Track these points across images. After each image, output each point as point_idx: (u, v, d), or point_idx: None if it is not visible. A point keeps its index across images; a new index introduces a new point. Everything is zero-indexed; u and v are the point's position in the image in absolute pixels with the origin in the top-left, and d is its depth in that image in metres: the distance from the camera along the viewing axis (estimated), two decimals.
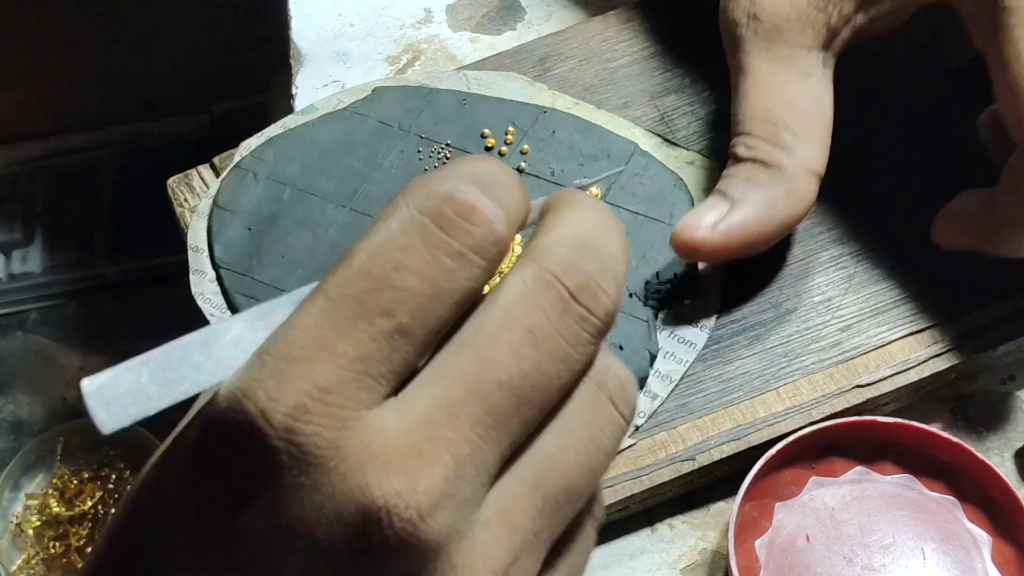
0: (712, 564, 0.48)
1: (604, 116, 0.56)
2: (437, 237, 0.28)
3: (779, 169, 0.48)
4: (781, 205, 0.48)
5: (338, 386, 0.27)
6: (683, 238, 0.48)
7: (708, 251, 0.48)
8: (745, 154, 0.49)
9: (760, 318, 0.51)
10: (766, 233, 0.48)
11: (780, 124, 0.49)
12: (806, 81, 0.49)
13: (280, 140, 0.56)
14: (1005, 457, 0.50)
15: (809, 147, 0.48)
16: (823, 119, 0.49)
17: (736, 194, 0.48)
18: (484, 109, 0.56)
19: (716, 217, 0.48)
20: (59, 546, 1.17)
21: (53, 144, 1.39)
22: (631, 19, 0.59)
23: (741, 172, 0.49)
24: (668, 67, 0.58)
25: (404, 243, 0.28)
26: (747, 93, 0.50)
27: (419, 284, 0.28)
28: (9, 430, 1.25)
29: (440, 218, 0.28)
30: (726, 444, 0.48)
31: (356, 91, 0.57)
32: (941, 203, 0.53)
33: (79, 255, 1.33)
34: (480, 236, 0.28)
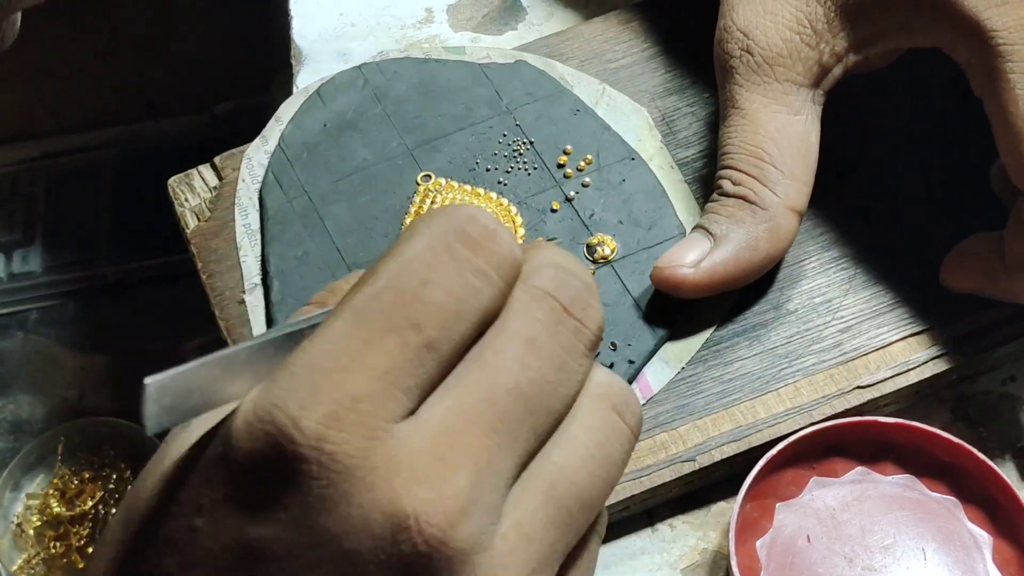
0: (713, 564, 0.48)
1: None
2: (463, 255, 0.29)
3: (762, 207, 0.49)
4: (763, 244, 0.49)
5: (369, 397, 0.27)
6: (664, 275, 0.49)
7: (690, 288, 0.49)
8: (731, 189, 0.49)
9: (761, 319, 0.51)
10: (748, 270, 0.49)
11: (766, 159, 0.49)
12: (795, 117, 0.50)
13: (407, 62, 0.58)
14: (1006, 457, 0.50)
15: (793, 185, 0.49)
16: (809, 157, 0.50)
17: (719, 231, 0.49)
18: (585, 127, 0.55)
19: (698, 255, 0.49)
20: (60, 546, 1.17)
21: (54, 144, 1.39)
22: (632, 20, 0.59)
23: (724, 209, 0.49)
24: (669, 68, 0.58)
25: (432, 260, 0.29)
26: (735, 126, 0.50)
27: (446, 299, 0.28)
28: (9, 430, 1.25)
29: (466, 238, 0.29)
30: (726, 445, 0.48)
31: (504, 53, 0.58)
32: (941, 204, 0.53)
33: (80, 255, 1.33)
34: (501, 257, 0.29)
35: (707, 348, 0.50)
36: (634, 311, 0.50)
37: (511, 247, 0.30)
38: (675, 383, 0.49)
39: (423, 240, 0.29)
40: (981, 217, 0.52)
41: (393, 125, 0.56)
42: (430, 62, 0.58)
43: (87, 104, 1.38)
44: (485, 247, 0.29)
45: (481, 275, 0.29)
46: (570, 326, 0.30)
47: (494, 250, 0.29)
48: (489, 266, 0.29)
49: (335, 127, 0.56)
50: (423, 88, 0.57)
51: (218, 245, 0.54)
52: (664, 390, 0.49)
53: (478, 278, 0.29)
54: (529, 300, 0.30)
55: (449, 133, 0.55)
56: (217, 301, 0.52)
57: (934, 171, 0.54)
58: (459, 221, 0.29)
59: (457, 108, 0.56)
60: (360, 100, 0.57)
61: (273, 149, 0.56)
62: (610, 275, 0.51)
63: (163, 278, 1.28)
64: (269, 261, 0.53)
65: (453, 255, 0.29)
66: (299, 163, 0.55)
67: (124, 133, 1.39)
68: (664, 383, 0.49)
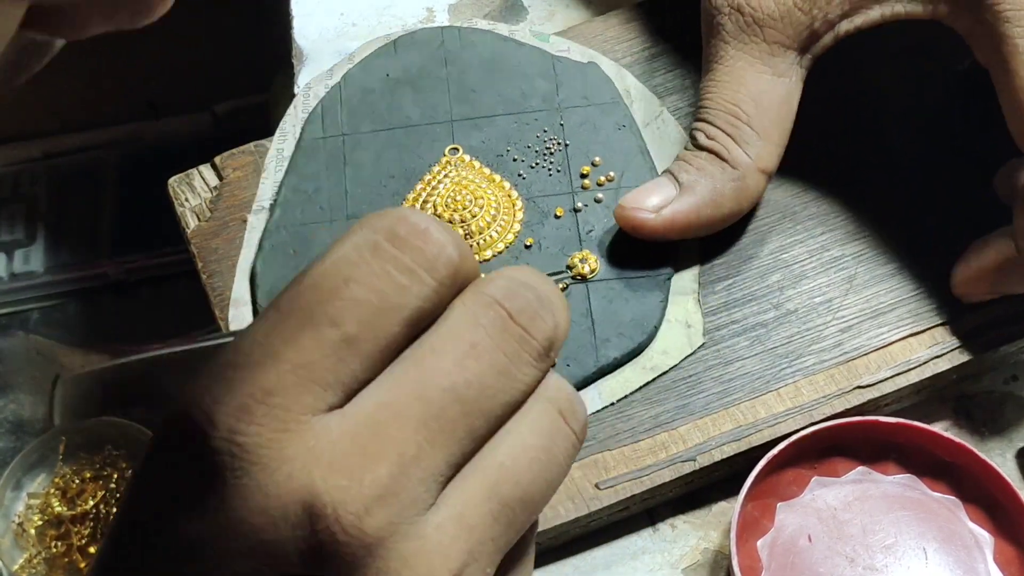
0: (714, 564, 0.48)
1: None
2: (388, 252, 0.29)
3: (732, 165, 0.49)
4: (728, 200, 0.49)
5: (281, 389, 0.28)
6: (626, 214, 0.50)
7: (649, 231, 0.49)
8: (704, 142, 0.50)
9: (761, 319, 0.51)
10: (709, 223, 0.50)
11: (743, 118, 0.49)
12: (777, 80, 0.50)
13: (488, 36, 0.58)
14: (1007, 457, 0.50)
15: (766, 146, 0.49)
16: (786, 120, 0.50)
17: (685, 180, 0.50)
18: (623, 145, 0.55)
19: (661, 200, 0.50)
20: (61, 545, 1.17)
21: (55, 143, 1.39)
22: (633, 19, 0.59)
23: (695, 160, 0.50)
24: (670, 67, 0.58)
25: (355, 258, 0.29)
26: (717, 81, 0.50)
27: (367, 295, 0.28)
28: (11, 430, 1.25)
29: (392, 236, 0.29)
30: (727, 445, 0.48)
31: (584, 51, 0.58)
32: (942, 203, 0.53)
33: (81, 254, 1.33)
34: (431, 255, 0.29)
35: (707, 348, 0.50)
36: (589, 335, 0.50)
37: (442, 246, 0.29)
38: (676, 382, 0.49)
39: (350, 241, 0.29)
40: (982, 219, 0.52)
41: (448, 91, 0.56)
42: (509, 41, 0.58)
43: (88, 104, 1.38)
44: (413, 245, 0.29)
45: (408, 273, 0.29)
46: (514, 333, 0.30)
47: (423, 248, 0.29)
48: (417, 264, 0.29)
49: (396, 79, 0.57)
50: (491, 64, 0.57)
51: (218, 245, 0.54)
52: (666, 389, 0.49)
53: (405, 275, 0.29)
54: (474, 304, 0.30)
55: (496, 114, 0.56)
56: (217, 301, 0.52)
57: (937, 172, 0.54)
58: (389, 221, 0.29)
59: (513, 92, 0.56)
60: (429, 59, 0.57)
61: (333, 85, 0.57)
62: (580, 293, 0.51)
63: (164, 277, 1.28)
64: (281, 189, 0.54)
65: (378, 253, 0.29)
66: (349, 105, 0.56)
67: (125, 133, 1.39)
68: (589, 412, 0.49)
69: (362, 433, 0.28)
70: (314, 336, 0.28)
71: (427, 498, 0.28)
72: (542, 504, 0.31)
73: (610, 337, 0.50)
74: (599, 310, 0.50)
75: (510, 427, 0.30)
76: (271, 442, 0.27)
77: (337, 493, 0.27)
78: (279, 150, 0.56)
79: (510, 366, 0.30)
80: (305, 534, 0.27)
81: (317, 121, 0.56)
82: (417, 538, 0.28)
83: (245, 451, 0.27)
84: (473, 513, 0.29)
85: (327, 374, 0.28)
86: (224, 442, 0.27)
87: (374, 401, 0.28)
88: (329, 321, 0.28)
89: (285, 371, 0.28)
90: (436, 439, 0.28)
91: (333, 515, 0.27)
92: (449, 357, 0.29)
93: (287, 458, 0.27)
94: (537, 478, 0.30)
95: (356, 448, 0.27)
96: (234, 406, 0.27)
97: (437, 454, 0.28)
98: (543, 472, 0.30)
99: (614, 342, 0.50)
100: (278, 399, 0.27)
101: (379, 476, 0.27)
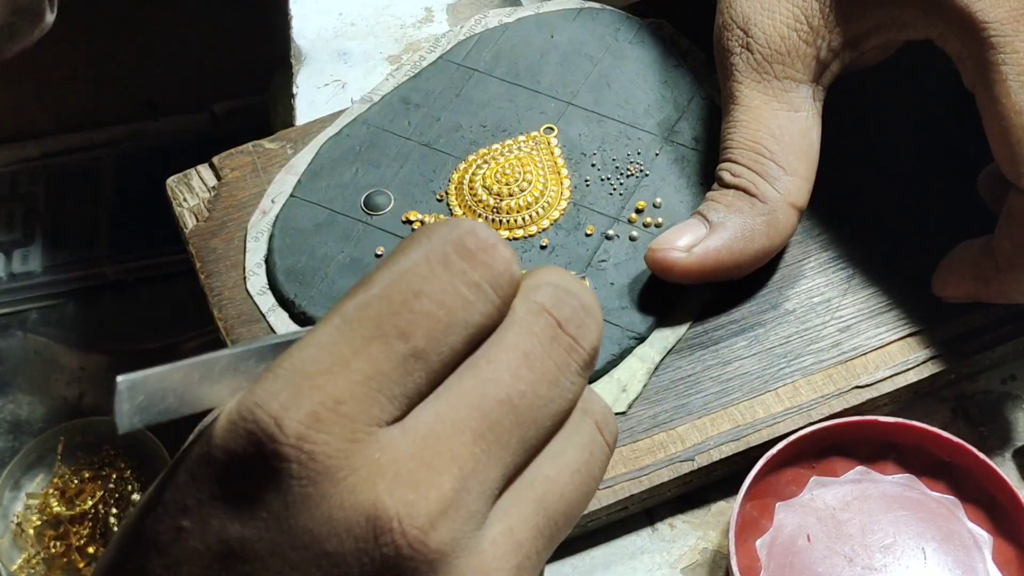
0: (713, 564, 0.48)
1: None
2: (458, 267, 0.29)
3: (761, 200, 0.49)
4: (760, 236, 0.49)
5: (351, 400, 0.27)
6: (657, 256, 0.49)
7: (681, 272, 0.49)
8: (731, 180, 0.50)
9: (759, 319, 0.51)
10: (741, 261, 0.49)
11: (766, 155, 0.49)
12: (795, 114, 0.50)
13: (666, 30, 0.58)
14: (1006, 457, 0.50)
15: (793, 181, 0.49)
16: (810, 153, 0.50)
17: (716, 219, 0.49)
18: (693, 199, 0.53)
19: (692, 240, 0.49)
20: (60, 545, 1.17)
21: (53, 143, 1.39)
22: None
23: (723, 198, 0.49)
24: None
25: (426, 271, 0.29)
26: (736, 121, 0.50)
27: (437, 310, 0.29)
28: (9, 430, 1.25)
29: (463, 250, 0.29)
30: (725, 445, 0.48)
31: None
32: (941, 205, 0.53)
33: (80, 254, 1.33)
34: (498, 271, 0.29)
35: (705, 348, 0.50)
36: None
37: (509, 263, 0.30)
38: (675, 382, 0.49)
39: (420, 251, 0.29)
40: (978, 218, 0.52)
41: (588, 77, 0.56)
42: (674, 60, 0.57)
43: (87, 104, 1.38)
44: (481, 261, 0.29)
45: (475, 288, 0.29)
46: (564, 343, 0.30)
47: (491, 264, 0.29)
48: (484, 280, 0.29)
49: (555, 44, 0.57)
50: (647, 66, 0.57)
51: (216, 245, 0.54)
52: (664, 389, 0.49)
53: (472, 291, 0.29)
54: (526, 314, 0.30)
55: (610, 118, 0.56)
56: (216, 301, 0.52)
57: (933, 172, 0.54)
58: (458, 233, 0.29)
59: (642, 102, 0.56)
60: (595, 39, 0.58)
61: (507, 23, 0.58)
62: None
63: (163, 277, 1.28)
64: (394, 90, 0.57)
65: (448, 267, 0.29)
66: (503, 47, 0.58)
67: (124, 133, 1.39)
68: None
69: (424, 446, 0.28)
70: (384, 348, 0.28)
71: (485, 512, 0.28)
72: (578, 517, 0.31)
73: None
74: None
75: (555, 440, 0.30)
76: (339, 452, 0.27)
77: (403, 507, 0.27)
78: (420, 57, 0.58)
79: (560, 376, 0.30)
80: (369, 547, 0.27)
81: (467, 47, 0.58)
82: (475, 553, 0.28)
83: (313, 459, 0.27)
84: (522, 528, 0.29)
85: (394, 386, 0.28)
86: (293, 449, 0.27)
87: (434, 412, 0.28)
88: (399, 334, 0.28)
89: (356, 381, 0.28)
90: (492, 450, 0.29)
91: (399, 529, 0.27)
92: (504, 367, 0.29)
93: (353, 469, 0.27)
94: (578, 491, 0.30)
95: (419, 461, 0.28)
96: (304, 413, 0.27)
97: (493, 466, 0.29)
98: (583, 485, 0.30)
99: None
100: (347, 409, 0.27)
101: (444, 490, 0.27)
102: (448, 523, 0.27)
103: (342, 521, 0.27)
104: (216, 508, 0.28)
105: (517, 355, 0.29)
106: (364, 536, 0.27)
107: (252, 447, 0.27)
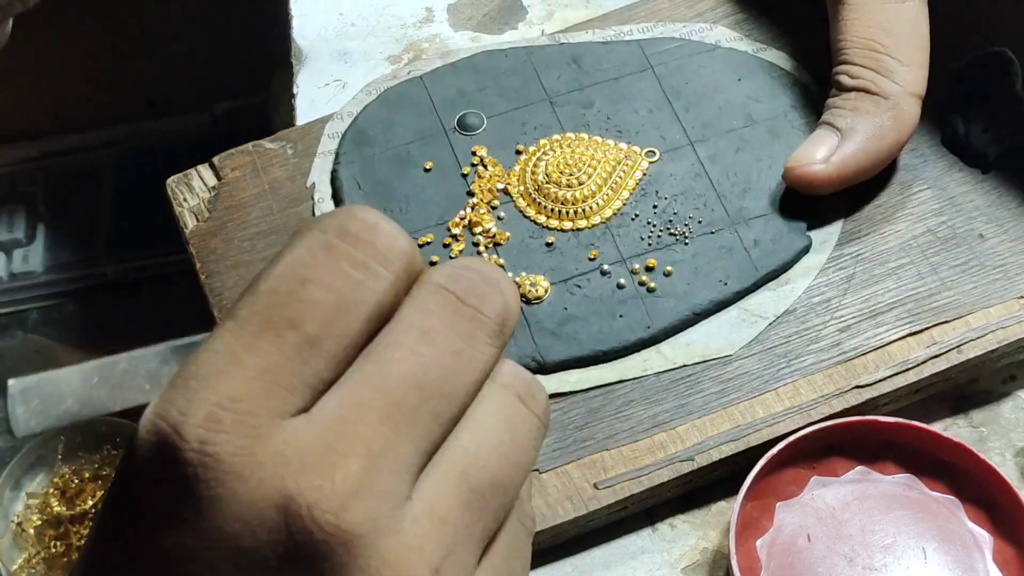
0: (713, 564, 0.48)
1: None
2: (341, 249, 0.29)
3: (884, 96, 0.50)
4: (889, 131, 0.50)
5: (248, 396, 0.27)
6: (797, 172, 0.51)
7: (823, 183, 0.50)
8: (849, 83, 0.51)
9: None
10: (877, 160, 0.51)
11: (881, 50, 0.50)
12: (902, 5, 0.51)
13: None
14: (1006, 457, 0.50)
15: (911, 70, 0.50)
16: (922, 42, 0.51)
17: (844, 125, 0.50)
18: (690, 260, 0.52)
19: (828, 151, 0.50)
20: (60, 545, 1.17)
21: (53, 143, 1.39)
22: (632, 19, 0.59)
23: (847, 103, 0.51)
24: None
25: (309, 259, 0.29)
26: (846, 21, 0.52)
27: (325, 295, 0.28)
28: (9, 429, 1.25)
29: (343, 233, 0.29)
30: (725, 445, 0.48)
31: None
32: (939, 203, 0.53)
33: (80, 254, 1.33)
34: (384, 247, 0.29)
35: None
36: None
37: (393, 238, 0.29)
38: (675, 382, 0.49)
39: (303, 242, 0.29)
40: (979, 218, 0.52)
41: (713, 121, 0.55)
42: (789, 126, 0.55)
43: (87, 103, 1.38)
44: (365, 240, 0.29)
45: (363, 268, 0.29)
46: (466, 314, 0.30)
47: (374, 242, 0.29)
48: (370, 258, 0.29)
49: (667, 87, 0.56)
50: (780, 160, 0.53)
51: (216, 245, 0.54)
52: (664, 389, 0.49)
53: (359, 271, 0.29)
54: (422, 294, 0.30)
55: (710, 177, 0.53)
56: (216, 301, 0.52)
57: (932, 169, 0.54)
58: (339, 219, 0.29)
59: (746, 185, 0.53)
60: (771, 103, 0.55)
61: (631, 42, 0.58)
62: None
63: (163, 277, 1.28)
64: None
65: (331, 251, 0.29)
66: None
67: (124, 132, 1.39)
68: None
69: (329, 432, 0.28)
70: (275, 340, 0.28)
71: (402, 490, 0.28)
72: (514, 488, 0.30)
73: None
74: None
75: (470, 413, 0.30)
76: (242, 449, 0.27)
77: (311, 493, 0.27)
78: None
79: (465, 346, 0.30)
80: (282, 537, 0.27)
81: (667, 45, 0.57)
82: (394, 533, 0.28)
83: (217, 461, 0.27)
84: (444, 503, 0.29)
85: (291, 377, 0.28)
86: (195, 454, 0.27)
87: (337, 399, 0.28)
88: (289, 324, 0.28)
89: (250, 377, 0.28)
90: (401, 428, 0.28)
91: (308, 515, 0.27)
92: (404, 346, 0.29)
93: (259, 464, 0.27)
94: (504, 461, 0.30)
95: (324, 447, 0.27)
96: (202, 416, 0.27)
97: (405, 444, 0.28)
98: (510, 455, 0.30)
99: None
100: (245, 405, 0.27)
101: (350, 472, 0.27)
102: (360, 504, 0.27)
103: (254, 516, 0.27)
104: (142, 520, 0.28)
105: (415, 332, 0.29)
106: (277, 527, 0.27)
107: (159, 457, 0.27)
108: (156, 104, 1.40)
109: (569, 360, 0.50)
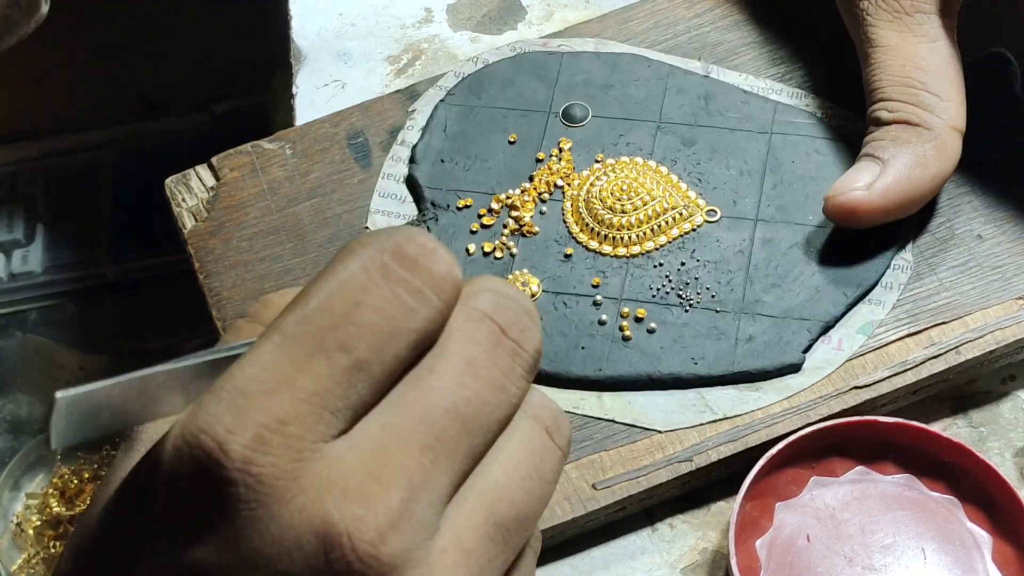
0: (713, 564, 0.48)
1: None
2: (398, 274, 0.29)
3: (926, 127, 0.49)
4: (932, 161, 0.49)
5: (296, 419, 0.27)
6: (838, 201, 0.49)
7: (866, 211, 0.49)
8: (889, 117, 0.50)
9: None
10: (921, 190, 0.49)
11: (919, 86, 0.50)
12: (934, 44, 0.50)
13: None
14: (1006, 457, 0.50)
15: (951, 105, 0.50)
16: (957, 77, 0.50)
17: (886, 155, 0.49)
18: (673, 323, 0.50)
19: (870, 178, 0.49)
20: (59, 546, 1.17)
21: (53, 143, 1.39)
22: (631, 19, 0.59)
23: (887, 134, 0.50)
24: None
25: (365, 281, 0.28)
26: (879, 63, 0.51)
27: (378, 320, 0.28)
28: (9, 430, 1.25)
29: (402, 257, 0.29)
30: (723, 446, 0.48)
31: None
32: (938, 204, 0.53)
33: (79, 255, 1.33)
34: (440, 276, 0.29)
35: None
36: None
37: (449, 267, 0.29)
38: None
39: (357, 261, 0.29)
40: (980, 218, 0.52)
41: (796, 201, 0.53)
42: None
43: (87, 104, 1.37)
44: (422, 266, 0.29)
45: (417, 295, 0.29)
46: (508, 348, 0.30)
47: (431, 269, 0.29)
48: (425, 285, 0.29)
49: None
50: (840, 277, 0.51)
51: (215, 245, 0.54)
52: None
53: (413, 298, 0.29)
54: (467, 321, 0.30)
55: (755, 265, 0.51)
56: (214, 301, 0.52)
57: None
58: (396, 240, 0.29)
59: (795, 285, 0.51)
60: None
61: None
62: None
63: (162, 278, 1.28)
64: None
65: (387, 275, 0.29)
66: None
67: (123, 133, 1.39)
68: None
69: (372, 459, 0.28)
70: (326, 363, 0.28)
71: (435, 521, 0.28)
72: (534, 522, 0.31)
73: None
74: None
75: (500, 445, 0.30)
76: (286, 473, 0.27)
77: (352, 523, 0.27)
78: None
79: (505, 381, 0.30)
80: (320, 564, 0.27)
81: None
82: (424, 564, 0.28)
83: (260, 482, 0.27)
84: (471, 536, 0.29)
85: (339, 400, 0.28)
86: (239, 473, 0.27)
87: (379, 425, 0.28)
88: (340, 347, 0.28)
89: (299, 399, 0.27)
90: (440, 460, 0.28)
91: (349, 544, 0.27)
92: (448, 376, 0.29)
93: (301, 488, 0.27)
94: (529, 496, 0.30)
95: (367, 475, 0.27)
96: (249, 437, 0.27)
97: (442, 476, 0.28)
98: (535, 489, 0.30)
99: None
100: (292, 428, 0.27)
101: (392, 503, 0.27)
102: (398, 536, 0.27)
103: (292, 540, 0.27)
104: (167, 535, 0.27)
105: (461, 363, 0.29)
106: (315, 554, 0.27)
107: (199, 474, 0.27)
108: (156, 104, 1.40)
109: None
